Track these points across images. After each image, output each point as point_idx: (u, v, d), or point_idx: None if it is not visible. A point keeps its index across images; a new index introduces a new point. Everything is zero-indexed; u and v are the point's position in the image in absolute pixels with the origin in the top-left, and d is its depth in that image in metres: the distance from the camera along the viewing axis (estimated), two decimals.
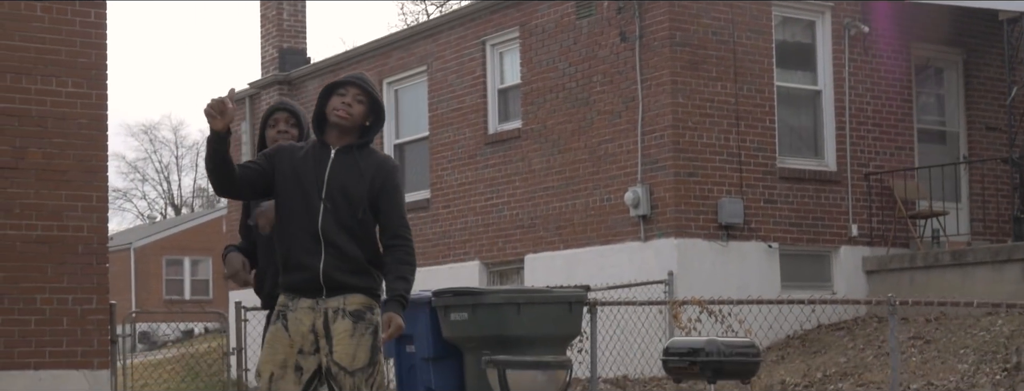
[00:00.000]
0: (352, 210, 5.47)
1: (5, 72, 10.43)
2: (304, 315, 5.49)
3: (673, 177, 13.99)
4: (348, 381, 5.42)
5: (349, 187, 5.48)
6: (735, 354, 7.53)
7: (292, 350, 5.48)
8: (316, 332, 5.47)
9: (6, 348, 10.13)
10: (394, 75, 18.54)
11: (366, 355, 5.43)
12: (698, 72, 14.21)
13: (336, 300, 5.46)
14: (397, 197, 5.59)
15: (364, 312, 5.44)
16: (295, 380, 5.47)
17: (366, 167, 5.52)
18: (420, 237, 17.60)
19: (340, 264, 5.44)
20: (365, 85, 5.58)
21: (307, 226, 5.46)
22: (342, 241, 5.44)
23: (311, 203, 5.47)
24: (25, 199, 10.38)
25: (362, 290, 5.47)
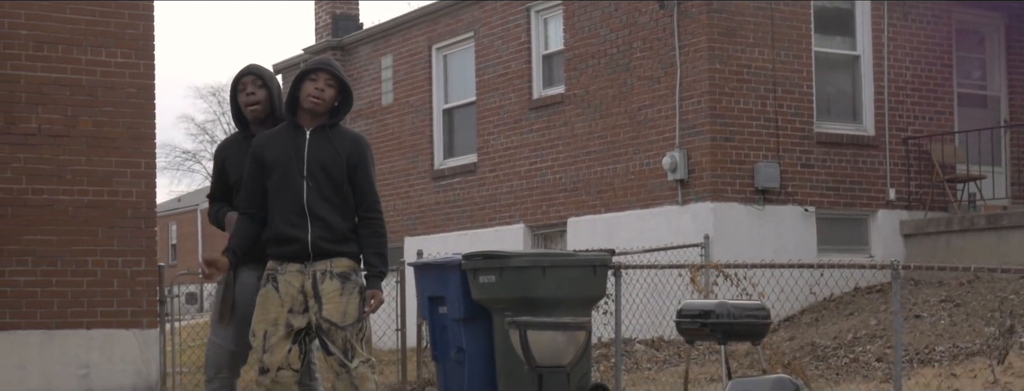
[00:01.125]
0: (333, 185, 5.99)
1: (57, 43, 10.82)
2: (293, 277, 5.99)
3: (710, 142, 14.23)
4: (340, 335, 5.95)
5: (327, 164, 5.99)
6: (745, 316, 7.81)
7: (282, 310, 5.97)
8: (305, 293, 5.98)
9: (60, 308, 10.58)
10: (442, 41, 18.85)
11: (355, 311, 5.98)
12: (735, 38, 14.40)
13: (323, 263, 5.98)
14: (369, 172, 6.10)
15: (350, 274, 6.00)
16: (285, 335, 5.95)
17: (340, 145, 6.03)
18: (467, 200, 17.97)
19: (325, 235, 5.97)
20: (334, 70, 6.07)
21: (292, 204, 5.98)
22: (326, 213, 5.97)
23: (294, 182, 5.98)
24: (77, 165, 10.79)
25: (346, 255, 6.01)
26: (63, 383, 10.48)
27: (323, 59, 6.21)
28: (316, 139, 6.03)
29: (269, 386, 5.96)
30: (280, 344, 5.94)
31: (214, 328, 6.35)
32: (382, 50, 20.17)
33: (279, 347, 5.94)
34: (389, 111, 19.73)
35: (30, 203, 10.57)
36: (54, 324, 10.55)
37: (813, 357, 11.72)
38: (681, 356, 12.46)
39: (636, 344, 13.44)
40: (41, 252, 10.55)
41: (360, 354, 5.98)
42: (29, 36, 10.69)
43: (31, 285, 10.49)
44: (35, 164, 10.61)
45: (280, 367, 5.94)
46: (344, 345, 5.96)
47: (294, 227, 5.97)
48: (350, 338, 5.96)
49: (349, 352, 5.96)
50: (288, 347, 5.95)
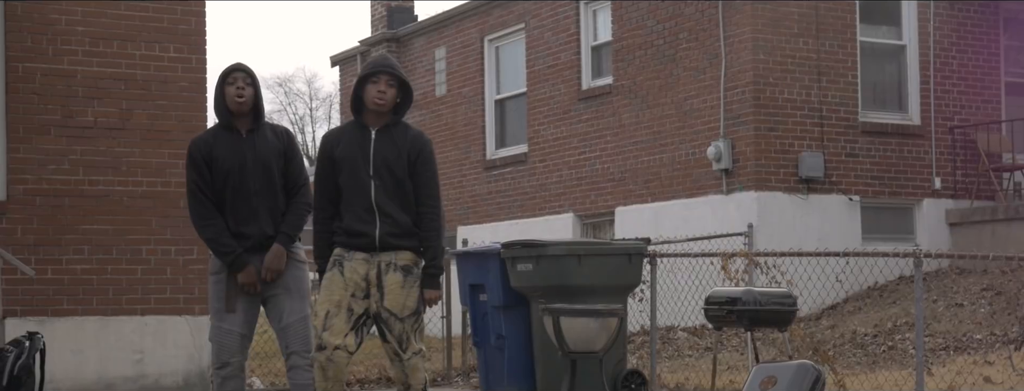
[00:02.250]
0: (396, 181, 6.38)
1: (112, 39, 11.15)
2: (359, 265, 6.40)
3: (754, 132, 14.38)
4: (397, 326, 6.38)
5: (391, 162, 6.38)
6: (771, 304, 7.98)
7: (346, 293, 6.38)
8: (368, 281, 6.39)
9: (115, 295, 10.92)
10: (494, 33, 19.09)
11: (413, 304, 6.41)
12: (780, 29, 14.52)
13: (388, 255, 6.41)
14: (430, 168, 6.47)
15: (412, 267, 6.42)
16: (346, 318, 6.35)
17: (402, 143, 6.42)
18: (518, 190, 18.22)
19: (392, 230, 6.39)
20: (394, 71, 6.44)
21: (362, 201, 6.39)
22: (392, 210, 6.39)
23: (362, 180, 6.39)
24: (131, 157, 11.12)
25: (410, 248, 6.43)
26: (118, 367, 10.84)
27: (383, 61, 6.57)
28: (381, 138, 6.42)
29: (323, 363, 6.32)
30: (340, 326, 6.33)
31: (219, 316, 6.67)
32: (436, 42, 20.44)
33: (339, 328, 6.33)
34: (442, 102, 20.01)
35: (87, 194, 10.92)
36: (110, 311, 10.88)
37: (853, 345, 11.86)
38: (724, 343, 12.65)
39: (679, 331, 13.64)
40: (97, 241, 10.89)
41: (413, 346, 6.41)
42: (85, 32, 11.03)
43: (88, 273, 10.84)
44: (91, 156, 10.95)
45: (337, 347, 6.32)
46: (400, 335, 6.38)
47: (364, 223, 6.39)
48: (406, 329, 6.38)
49: (404, 343, 6.39)
50: (347, 330, 6.33)
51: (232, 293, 6.62)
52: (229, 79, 6.70)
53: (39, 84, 10.80)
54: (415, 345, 6.42)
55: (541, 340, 9.59)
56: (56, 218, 10.77)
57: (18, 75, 10.75)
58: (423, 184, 6.43)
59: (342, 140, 6.47)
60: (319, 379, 6.37)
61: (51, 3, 10.87)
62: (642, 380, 9.82)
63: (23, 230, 10.65)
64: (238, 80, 6.69)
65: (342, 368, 6.35)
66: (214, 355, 6.76)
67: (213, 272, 6.75)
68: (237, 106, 6.67)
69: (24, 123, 10.74)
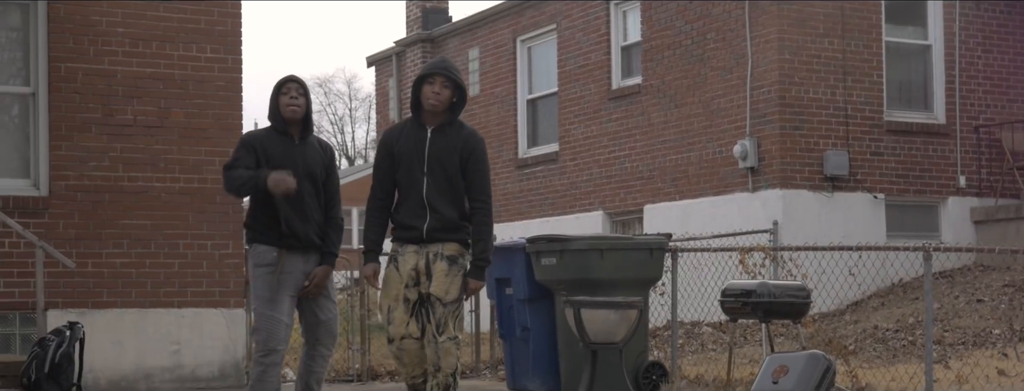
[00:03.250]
0: (448, 178, 6.88)
1: (151, 40, 11.48)
2: (410, 257, 6.94)
3: (779, 130, 14.59)
4: (440, 309, 6.91)
5: (444, 159, 6.88)
6: (785, 296, 8.22)
7: (401, 286, 6.96)
8: (418, 270, 6.95)
9: (153, 288, 11.26)
10: (527, 33, 19.37)
11: (456, 291, 6.94)
12: (805, 29, 14.73)
13: (436, 246, 6.93)
14: (481, 165, 6.96)
15: (458, 258, 6.94)
16: (405, 309, 6.96)
17: (456, 141, 6.91)
18: (549, 189, 18.49)
19: (439, 225, 6.91)
20: (448, 72, 6.94)
21: (415, 196, 6.91)
22: (441, 206, 6.89)
23: (416, 177, 6.90)
24: (169, 154, 11.45)
25: (456, 240, 6.94)
26: (156, 358, 11.17)
27: (440, 63, 7.09)
28: (436, 136, 6.92)
29: (396, 353, 7.01)
30: (401, 317, 6.93)
31: (269, 304, 7.03)
32: (469, 42, 20.74)
33: (400, 320, 6.93)
34: (476, 102, 20.29)
35: (126, 190, 11.26)
36: (148, 303, 11.23)
37: (873, 339, 12.06)
38: (747, 338, 12.86)
39: (704, 327, 13.87)
40: (136, 236, 11.23)
41: (449, 331, 6.90)
42: (126, 33, 11.37)
43: (127, 266, 11.18)
44: (131, 153, 11.29)
45: (403, 336, 6.96)
46: (440, 319, 6.89)
47: (415, 217, 6.92)
48: (446, 314, 6.88)
49: (441, 326, 6.89)
50: (407, 319, 6.93)
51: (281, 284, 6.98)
52: (283, 89, 7.13)
53: (81, 83, 11.16)
54: (451, 330, 6.90)
55: (565, 332, 9.83)
56: (96, 213, 11.11)
57: (60, 75, 11.10)
58: (474, 181, 6.92)
59: (400, 137, 6.98)
60: (398, 366, 7.10)
61: (92, 5, 11.22)
62: (663, 372, 10.05)
63: (65, 225, 11.01)
64: (291, 90, 7.13)
65: (414, 353, 6.95)
66: (261, 342, 7.09)
67: (263, 264, 7.08)
68: (290, 114, 7.12)
69: (66, 121, 11.09)
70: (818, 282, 11.44)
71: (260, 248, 7.10)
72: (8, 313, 10.78)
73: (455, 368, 6.96)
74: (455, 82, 6.96)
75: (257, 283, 7.08)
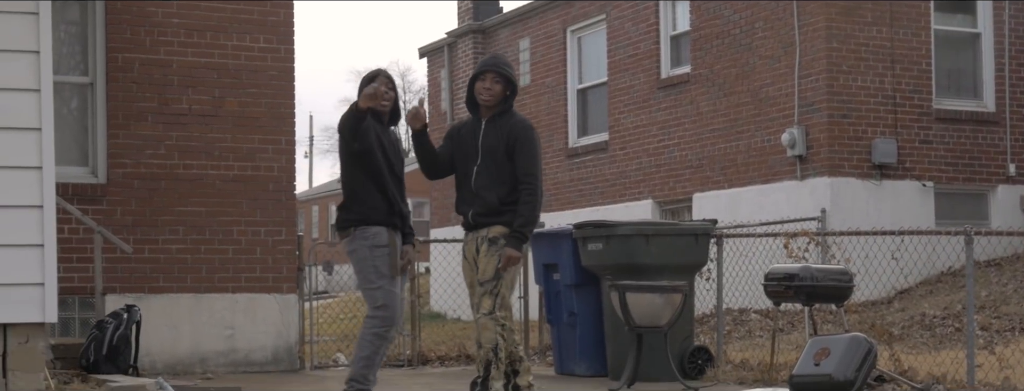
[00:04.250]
0: (497, 165, 7.31)
1: (206, 30, 11.70)
2: (469, 245, 7.47)
3: (827, 119, 14.64)
4: (479, 289, 7.32)
5: (494, 148, 7.33)
6: (828, 279, 8.31)
7: (471, 273, 7.44)
8: (474, 256, 7.41)
9: (208, 274, 11.49)
10: (577, 23, 19.48)
11: (491, 271, 7.27)
12: (853, 17, 14.77)
13: (483, 231, 7.37)
14: (527, 149, 7.35)
15: (499, 239, 7.30)
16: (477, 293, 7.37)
17: (505, 129, 7.35)
18: (599, 178, 18.60)
19: (482, 210, 7.35)
20: (498, 68, 7.42)
21: (465, 184, 7.41)
22: (486, 192, 7.33)
23: (467, 167, 7.39)
24: (223, 143, 11.66)
25: (501, 223, 7.32)
26: (210, 342, 11.40)
27: (490, 60, 7.53)
28: (489, 128, 7.38)
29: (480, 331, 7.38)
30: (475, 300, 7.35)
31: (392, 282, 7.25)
32: (520, 33, 20.87)
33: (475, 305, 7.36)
34: (527, 92, 20.42)
35: (181, 177, 11.49)
36: (203, 288, 11.45)
37: (921, 326, 12.10)
38: (794, 325, 12.94)
39: (751, 314, 13.95)
40: (191, 222, 11.46)
41: (484, 307, 7.25)
42: (181, 24, 11.59)
43: (182, 252, 11.41)
44: (186, 141, 11.51)
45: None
46: (479, 297, 7.29)
47: (465, 203, 7.43)
48: (483, 293, 7.28)
49: (479, 304, 7.28)
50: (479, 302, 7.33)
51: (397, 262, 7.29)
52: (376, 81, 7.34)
53: (137, 73, 11.39)
54: (486, 307, 7.23)
55: (611, 316, 9.98)
56: (152, 200, 11.35)
57: (118, 65, 11.34)
58: (521, 164, 7.31)
59: (462, 131, 7.50)
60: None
61: None
62: (708, 356, 10.17)
63: (122, 211, 11.25)
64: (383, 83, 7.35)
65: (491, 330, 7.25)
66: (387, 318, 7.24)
67: (380, 244, 7.28)
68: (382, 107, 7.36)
69: (123, 110, 11.33)
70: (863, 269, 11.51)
71: (373, 229, 7.27)
72: (68, 297, 11.02)
73: (495, 344, 7.25)
74: (506, 77, 7.41)
75: (378, 263, 7.24)
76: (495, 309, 7.24)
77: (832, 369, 7.49)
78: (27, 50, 7.94)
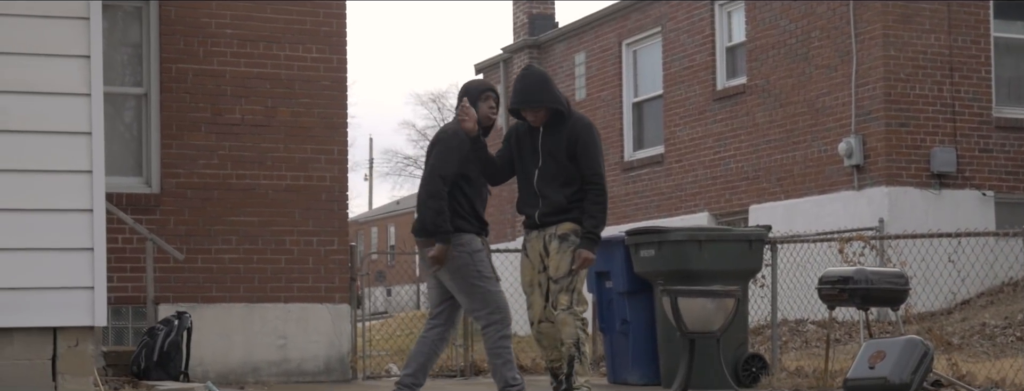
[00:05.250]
0: (558, 167, 7.21)
1: (259, 41, 11.75)
2: (535, 243, 7.34)
3: (885, 128, 14.47)
4: (553, 287, 7.23)
5: (554, 151, 7.22)
6: (883, 282, 8.16)
7: (533, 271, 7.34)
8: (541, 254, 7.31)
9: (260, 283, 11.50)
10: (632, 36, 19.41)
11: (565, 266, 7.20)
12: (911, 25, 14.60)
13: (552, 228, 7.27)
14: (590, 150, 7.25)
15: (569, 235, 7.23)
16: (539, 294, 7.31)
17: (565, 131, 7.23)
18: (655, 191, 18.48)
19: (549, 210, 7.26)
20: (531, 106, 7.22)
21: (528, 186, 7.32)
22: (551, 192, 7.23)
23: (529, 170, 7.30)
24: (276, 153, 11.70)
25: (569, 219, 7.23)
26: (263, 352, 11.40)
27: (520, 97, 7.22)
28: (548, 130, 7.26)
29: (536, 337, 7.39)
30: (537, 301, 7.28)
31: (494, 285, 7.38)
32: (575, 47, 20.82)
33: (536, 304, 7.30)
34: (582, 106, 20.35)
35: (234, 187, 11.52)
36: (255, 298, 11.46)
37: (981, 336, 11.89)
38: (851, 336, 12.76)
39: (809, 324, 13.78)
40: (244, 232, 11.48)
41: (562, 303, 7.16)
42: (234, 34, 11.64)
43: (235, 262, 11.43)
44: (239, 151, 11.55)
45: (540, 320, 7.31)
46: (554, 294, 7.19)
47: (528, 205, 7.33)
48: (558, 289, 7.17)
49: (555, 301, 7.18)
50: (543, 304, 7.26)
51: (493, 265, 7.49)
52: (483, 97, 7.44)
53: (190, 83, 11.45)
54: (564, 303, 7.14)
55: (664, 324, 9.87)
56: (205, 210, 11.38)
57: (171, 75, 11.41)
58: (584, 164, 7.22)
59: (520, 133, 7.38)
60: (539, 349, 7.50)
61: (202, 7, 11.52)
62: (763, 364, 10.03)
63: (175, 221, 11.29)
64: (489, 99, 7.45)
65: (552, 336, 7.25)
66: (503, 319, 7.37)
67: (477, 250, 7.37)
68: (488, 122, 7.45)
69: (177, 120, 11.39)
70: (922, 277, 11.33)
71: (467, 237, 7.38)
72: (122, 307, 11.08)
73: (576, 338, 7.17)
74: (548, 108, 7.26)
75: (480, 267, 7.36)
76: (572, 304, 7.18)
77: (887, 372, 7.35)
78: (77, 55, 7.96)
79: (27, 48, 7.79)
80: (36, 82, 7.78)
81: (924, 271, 11.74)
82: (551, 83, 7.33)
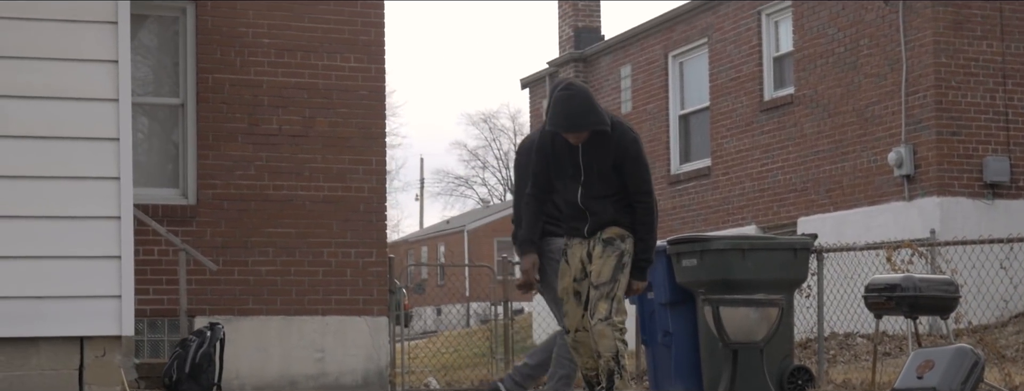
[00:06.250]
0: (604, 182, 6.73)
1: (296, 50, 11.63)
2: (577, 248, 6.87)
3: (936, 136, 14.15)
4: (593, 293, 6.75)
5: (599, 166, 6.71)
6: (932, 290, 7.88)
7: (571, 279, 6.88)
8: (583, 261, 6.85)
9: (298, 296, 11.35)
10: (678, 48, 19.18)
11: (608, 273, 6.73)
12: (962, 32, 14.29)
13: (596, 233, 6.80)
14: (638, 164, 6.78)
15: (615, 240, 6.77)
16: (576, 303, 6.87)
17: (609, 145, 6.69)
18: (702, 204, 18.22)
19: (598, 223, 6.79)
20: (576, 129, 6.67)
21: (572, 202, 6.83)
22: (598, 207, 6.77)
23: (571, 184, 6.80)
24: (313, 163, 11.56)
25: (617, 224, 6.78)
26: (300, 365, 11.24)
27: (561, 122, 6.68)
28: (587, 147, 6.72)
29: (573, 345, 6.92)
30: (573, 309, 6.85)
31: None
32: (621, 60, 20.62)
33: (573, 312, 6.85)
34: (628, 119, 20.13)
35: (271, 198, 11.38)
36: (292, 310, 11.31)
37: None
38: (902, 349, 12.44)
39: (857, 338, 13.47)
40: (281, 243, 11.34)
41: (600, 312, 6.67)
42: (271, 44, 11.53)
43: (272, 274, 11.29)
44: (276, 162, 11.42)
45: (577, 329, 6.87)
46: (593, 301, 6.72)
47: (577, 220, 6.84)
48: (598, 296, 6.71)
49: (594, 308, 6.70)
50: (581, 311, 6.81)
51: None
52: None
53: (227, 94, 11.34)
54: (602, 312, 6.66)
55: (707, 335, 9.60)
56: (242, 221, 11.25)
57: (208, 85, 11.30)
58: (633, 179, 6.75)
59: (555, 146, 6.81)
60: (575, 357, 7.02)
61: (239, 17, 11.41)
62: (809, 376, 9.74)
63: (212, 233, 11.17)
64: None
65: (589, 345, 6.83)
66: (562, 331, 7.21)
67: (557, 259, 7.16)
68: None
69: (213, 131, 11.28)
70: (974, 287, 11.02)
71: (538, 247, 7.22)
72: (157, 320, 10.96)
73: (616, 351, 6.71)
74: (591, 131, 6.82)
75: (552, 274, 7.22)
76: (612, 314, 6.70)
77: (936, 382, 7.06)
78: (105, 59, 7.84)
79: (54, 53, 7.69)
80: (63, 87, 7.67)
81: (975, 280, 11.41)
82: (595, 103, 6.76)
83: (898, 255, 9.28)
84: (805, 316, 11.42)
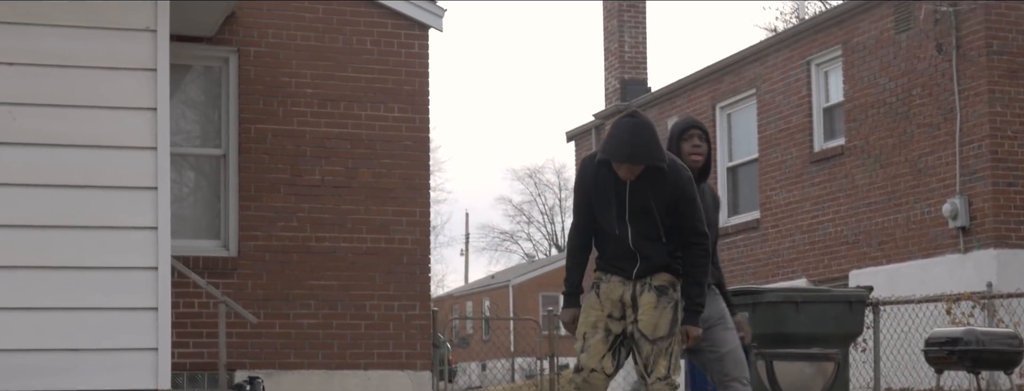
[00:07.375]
0: (655, 224, 6.19)
1: (339, 100, 11.49)
2: (615, 286, 6.27)
3: (992, 187, 13.84)
4: (648, 347, 6.16)
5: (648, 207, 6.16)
6: (995, 344, 7.60)
7: (602, 314, 6.27)
8: (624, 301, 6.25)
9: (339, 350, 11.13)
10: (726, 99, 18.95)
11: (666, 326, 6.17)
12: (1017, 80, 14.01)
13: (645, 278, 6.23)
14: (692, 205, 6.22)
15: (668, 288, 6.21)
16: (603, 339, 6.24)
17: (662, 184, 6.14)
18: (751, 257, 17.91)
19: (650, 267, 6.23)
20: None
21: (621, 243, 6.25)
22: (650, 251, 6.22)
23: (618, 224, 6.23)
24: (356, 214, 11.38)
25: (667, 270, 6.23)
26: None
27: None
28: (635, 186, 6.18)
29: (580, 384, 6.26)
30: (597, 346, 6.21)
31: None
32: (668, 112, 20.40)
33: (596, 350, 6.21)
34: None
35: (314, 250, 11.20)
36: (334, 364, 11.09)
37: None
38: None
39: None
40: (323, 296, 11.14)
41: (659, 371, 6.13)
42: (314, 94, 11.40)
43: (313, 327, 11.08)
44: (318, 213, 11.25)
45: (593, 369, 6.22)
46: (648, 357, 6.16)
47: (625, 261, 6.26)
48: (655, 352, 6.16)
49: (650, 365, 6.15)
50: (604, 352, 6.21)
51: None
52: (685, 135, 6.78)
53: (270, 144, 11.20)
54: (661, 370, 6.15)
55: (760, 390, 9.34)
56: (284, 273, 11.07)
57: (250, 136, 11.17)
58: (686, 222, 6.25)
59: (597, 183, 6.28)
60: None
61: (282, 67, 11.30)
62: None
63: (253, 285, 10.99)
64: (693, 137, 6.78)
65: (599, 387, 6.26)
66: None
67: None
68: (694, 163, 6.70)
69: (255, 182, 11.13)
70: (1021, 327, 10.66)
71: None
72: (197, 373, 10.77)
73: None
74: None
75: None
76: (670, 373, 6.16)
77: None
78: (144, 107, 7.73)
79: (92, 100, 7.58)
80: (101, 135, 7.55)
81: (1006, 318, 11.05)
82: (658, 137, 6.22)
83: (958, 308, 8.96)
84: (861, 371, 11.10)
